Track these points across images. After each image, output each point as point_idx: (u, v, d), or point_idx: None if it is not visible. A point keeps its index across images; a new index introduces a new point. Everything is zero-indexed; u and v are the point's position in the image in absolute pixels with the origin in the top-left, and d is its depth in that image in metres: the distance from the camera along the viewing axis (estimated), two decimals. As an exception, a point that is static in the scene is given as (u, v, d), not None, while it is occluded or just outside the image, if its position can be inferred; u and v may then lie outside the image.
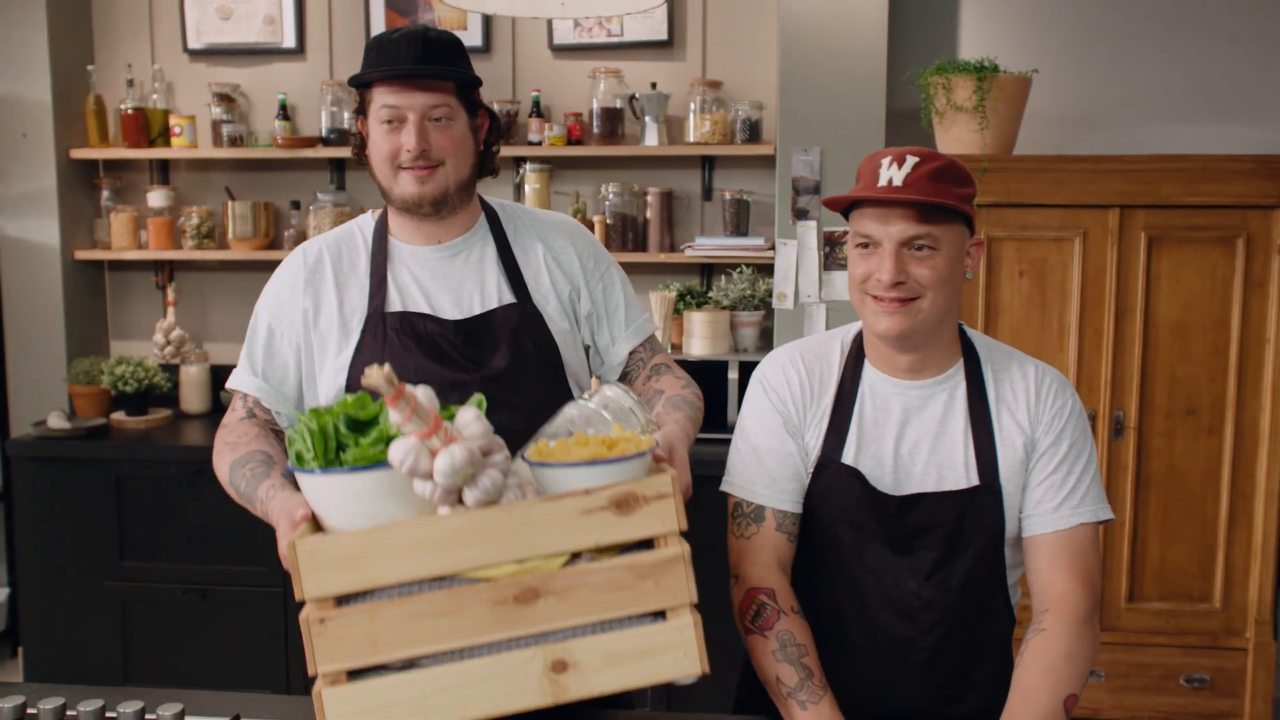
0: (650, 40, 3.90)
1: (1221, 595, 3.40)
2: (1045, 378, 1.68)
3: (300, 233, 3.99)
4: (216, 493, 3.52)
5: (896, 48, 3.69)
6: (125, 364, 3.89)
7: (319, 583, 1.30)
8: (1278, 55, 3.68)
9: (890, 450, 1.67)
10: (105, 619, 3.68)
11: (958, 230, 1.61)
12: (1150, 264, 3.32)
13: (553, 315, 1.90)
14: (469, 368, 1.81)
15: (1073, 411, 1.66)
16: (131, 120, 3.97)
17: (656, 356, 2.00)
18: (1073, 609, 1.58)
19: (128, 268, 4.25)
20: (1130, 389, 3.35)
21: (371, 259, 1.89)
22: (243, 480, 1.73)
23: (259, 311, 1.92)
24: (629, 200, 3.86)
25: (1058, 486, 1.63)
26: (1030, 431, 1.65)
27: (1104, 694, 3.43)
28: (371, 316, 1.84)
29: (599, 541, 1.32)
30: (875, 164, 1.59)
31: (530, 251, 1.93)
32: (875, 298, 1.61)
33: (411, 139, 1.78)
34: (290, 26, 4.05)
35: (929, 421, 1.67)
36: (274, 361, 1.89)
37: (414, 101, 1.79)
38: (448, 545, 1.30)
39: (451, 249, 1.90)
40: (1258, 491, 3.34)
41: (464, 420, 1.33)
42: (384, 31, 1.84)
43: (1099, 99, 3.77)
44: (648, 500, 1.32)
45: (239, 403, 1.91)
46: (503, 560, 1.31)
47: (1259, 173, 3.23)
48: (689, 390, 1.87)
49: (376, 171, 1.85)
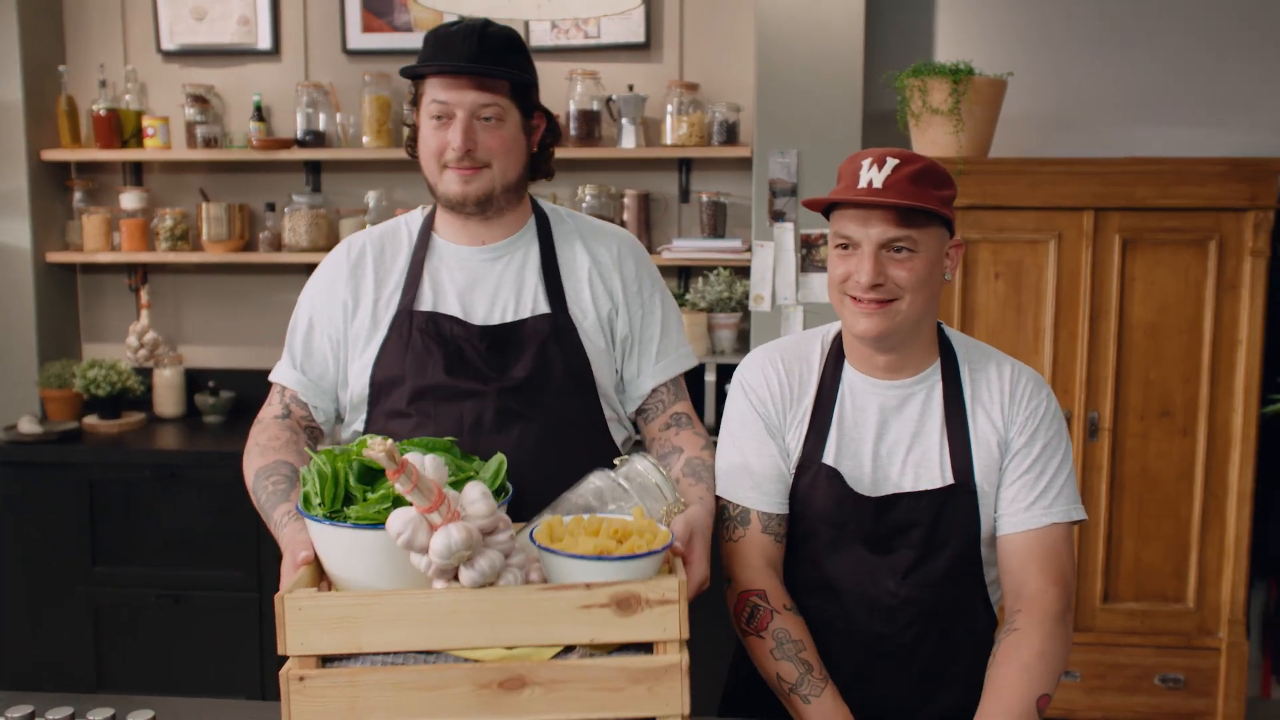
0: (627, 42, 3.90)
1: (1195, 595, 3.42)
2: (1020, 378, 1.68)
3: (275, 234, 3.97)
4: (190, 496, 3.54)
5: (873, 50, 3.70)
6: (98, 367, 3.85)
7: (303, 640, 1.28)
8: (1250, 58, 3.72)
9: (869, 451, 1.67)
10: (78, 625, 3.64)
11: (937, 232, 1.61)
12: (1124, 266, 3.34)
13: (588, 331, 1.84)
14: (489, 377, 1.78)
15: (1047, 412, 1.66)
16: (104, 121, 3.94)
17: (679, 403, 1.92)
18: (1045, 608, 1.57)
19: (100, 270, 4.22)
20: (1105, 390, 3.37)
21: (412, 255, 1.87)
22: (264, 492, 1.72)
23: (301, 304, 1.91)
24: (606, 202, 3.85)
25: (1030, 486, 1.63)
26: (1004, 431, 1.65)
27: (1079, 694, 3.45)
28: (400, 314, 1.82)
29: (595, 639, 1.29)
30: (856, 165, 1.60)
31: (575, 261, 1.88)
32: (854, 299, 1.61)
33: (458, 137, 1.75)
34: (265, 27, 4.02)
35: (907, 421, 1.67)
36: (313, 356, 1.87)
37: (464, 99, 1.75)
38: (438, 621, 1.28)
39: (494, 251, 1.86)
40: (1230, 492, 3.37)
41: (469, 497, 1.30)
42: (443, 23, 1.81)
43: (1074, 101, 3.79)
44: (651, 604, 1.29)
45: (276, 397, 1.89)
46: (493, 643, 1.29)
47: (1232, 175, 3.26)
48: (708, 452, 1.80)
49: (424, 167, 1.82)
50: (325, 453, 1.39)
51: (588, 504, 1.52)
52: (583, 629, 1.28)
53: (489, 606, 1.28)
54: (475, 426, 1.77)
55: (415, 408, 1.79)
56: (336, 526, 1.33)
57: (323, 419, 1.89)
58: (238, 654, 3.58)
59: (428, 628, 1.28)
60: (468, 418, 1.77)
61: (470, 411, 1.77)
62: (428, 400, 1.78)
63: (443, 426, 1.76)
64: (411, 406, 1.79)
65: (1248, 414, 3.34)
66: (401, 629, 1.28)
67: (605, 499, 1.53)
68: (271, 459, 1.76)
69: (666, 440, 1.86)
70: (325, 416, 1.89)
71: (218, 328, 4.19)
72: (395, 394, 1.80)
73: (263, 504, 1.73)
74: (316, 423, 1.89)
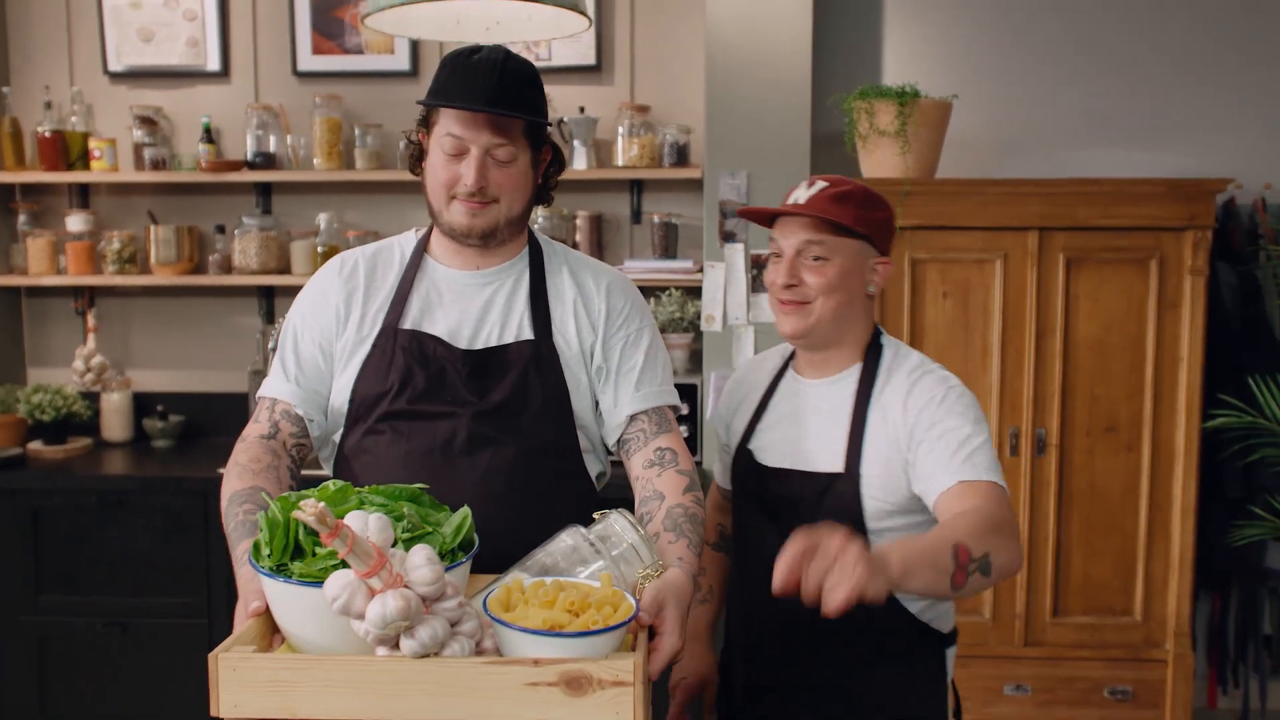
0: (578, 65, 3.92)
1: (1142, 608, 3.48)
2: (918, 384, 1.79)
3: (225, 257, 3.93)
4: (137, 523, 3.50)
5: (821, 73, 3.75)
6: (43, 392, 3.80)
7: (236, 702, 1.25)
8: (1190, 82, 3.80)
9: (782, 436, 1.88)
10: (21, 655, 3.57)
11: (856, 245, 1.81)
12: (1069, 285, 3.40)
13: (570, 362, 1.84)
14: (466, 400, 1.77)
15: (945, 398, 1.75)
16: (49, 143, 3.89)
17: (663, 436, 1.85)
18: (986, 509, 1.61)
19: (46, 294, 4.16)
20: (1051, 407, 3.42)
21: (402, 274, 1.87)
22: (232, 520, 1.69)
23: (290, 317, 1.89)
24: (558, 224, 3.86)
25: (943, 453, 1.70)
26: (900, 429, 1.76)
27: (1030, 708, 3.48)
28: (384, 331, 1.82)
29: (541, 718, 1.23)
30: (795, 186, 1.84)
31: (563, 291, 1.88)
32: (779, 301, 1.83)
33: (471, 174, 1.75)
34: (214, 49, 4.00)
35: (819, 414, 1.85)
36: (305, 365, 1.85)
37: (479, 138, 1.74)
38: (378, 690, 1.24)
39: (485, 277, 1.87)
40: (1174, 506, 3.43)
41: (414, 563, 1.25)
42: (462, 49, 1.78)
43: (1018, 124, 3.86)
44: (604, 684, 1.22)
45: (264, 413, 1.84)
46: (434, 716, 1.24)
47: (1170, 196, 3.33)
48: (690, 496, 1.77)
49: (430, 194, 1.82)
50: (281, 499, 1.36)
51: (556, 564, 1.47)
52: (529, 708, 1.23)
53: (430, 678, 1.23)
54: (446, 447, 1.76)
55: (390, 425, 1.78)
56: (279, 581, 1.29)
57: (317, 433, 1.85)
58: (186, 682, 3.52)
59: (366, 697, 1.24)
60: (440, 437, 1.76)
61: (444, 432, 1.77)
62: (403, 419, 1.78)
63: (415, 445, 1.76)
64: (386, 424, 1.79)
65: (1189, 429, 3.40)
66: (339, 697, 1.24)
67: (578, 559, 1.48)
68: (248, 484, 1.73)
69: (649, 482, 1.82)
70: (320, 430, 1.85)
71: (167, 351, 4.14)
72: (373, 411, 1.80)
73: (230, 532, 1.69)
74: (309, 437, 1.85)
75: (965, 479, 1.67)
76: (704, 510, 1.81)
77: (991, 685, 3.48)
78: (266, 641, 1.38)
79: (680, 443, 1.86)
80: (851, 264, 1.80)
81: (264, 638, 1.37)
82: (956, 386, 1.78)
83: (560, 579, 1.39)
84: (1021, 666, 3.48)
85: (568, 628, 1.26)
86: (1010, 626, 3.48)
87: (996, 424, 3.42)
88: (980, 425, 1.74)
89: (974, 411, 1.76)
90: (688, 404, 3.57)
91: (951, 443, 1.70)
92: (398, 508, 1.39)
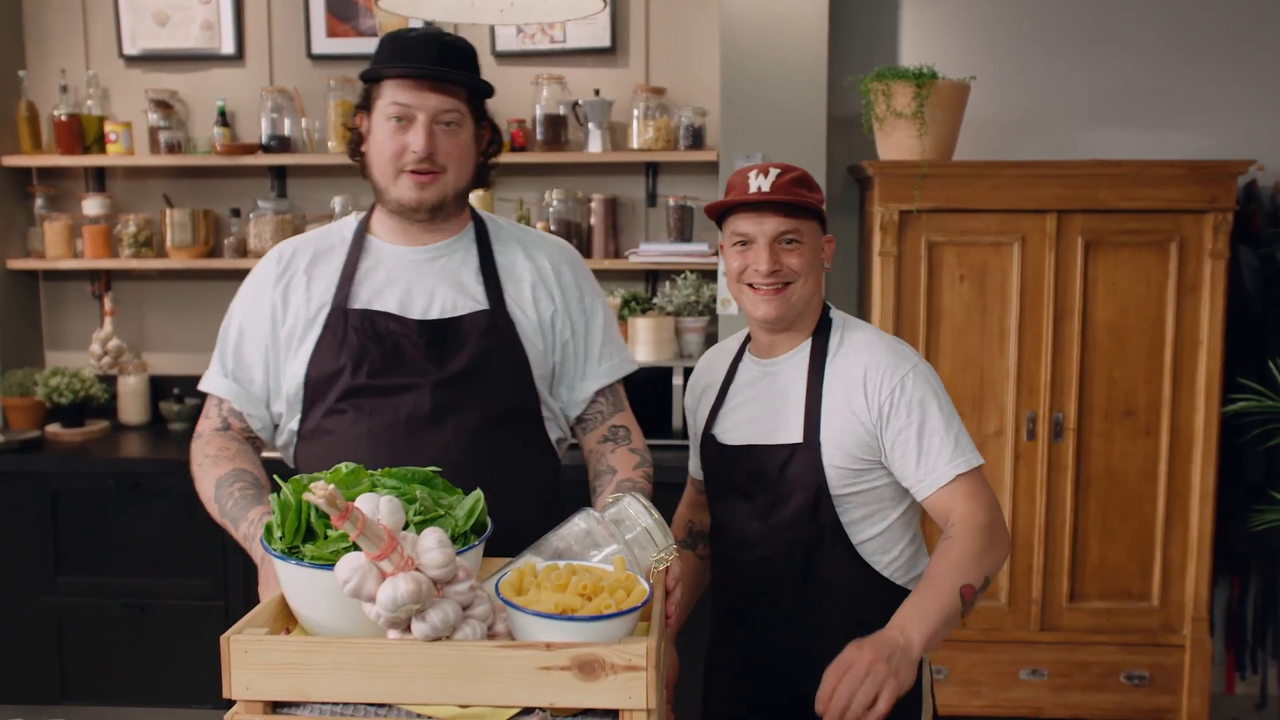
0: (593, 47, 3.90)
1: (1160, 593, 3.46)
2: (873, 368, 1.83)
3: (240, 240, 3.94)
4: (155, 505, 3.51)
5: (837, 54, 3.72)
6: (61, 375, 3.81)
7: (248, 684, 1.25)
8: (1210, 62, 3.76)
9: (744, 416, 1.92)
10: (40, 636, 3.60)
11: (814, 227, 1.89)
12: (1087, 268, 3.37)
13: (527, 330, 1.86)
14: (426, 370, 1.78)
15: (903, 386, 1.81)
16: (65, 127, 3.90)
17: (619, 415, 1.97)
18: (971, 520, 1.73)
19: (63, 277, 4.17)
20: (1069, 391, 3.40)
21: (347, 255, 1.87)
22: (229, 500, 1.71)
23: (232, 311, 1.90)
24: (573, 207, 3.85)
25: (914, 457, 1.79)
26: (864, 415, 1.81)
27: (1046, 693, 3.47)
28: (334, 311, 1.81)
29: (554, 702, 1.23)
30: (744, 177, 1.87)
31: (515, 264, 1.90)
32: (752, 287, 1.86)
33: (420, 140, 1.76)
34: (229, 32, 4.00)
35: (776, 390, 1.90)
36: (243, 362, 1.86)
37: (426, 102, 1.76)
38: (388, 673, 1.24)
39: (433, 252, 1.87)
40: (1193, 491, 3.41)
41: (424, 545, 1.25)
42: (400, 29, 1.82)
43: (1036, 105, 3.82)
44: (616, 669, 1.21)
45: (213, 410, 1.88)
46: (445, 700, 1.24)
47: (1190, 178, 3.30)
48: (640, 472, 1.85)
49: (375, 171, 1.82)
50: (293, 481, 1.36)
51: (569, 547, 1.47)
52: (541, 691, 1.22)
53: (441, 661, 1.22)
54: (411, 420, 1.77)
55: (351, 403, 1.79)
56: (291, 564, 1.29)
57: (259, 427, 1.88)
58: (203, 663, 3.53)
59: (377, 680, 1.24)
60: (404, 411, 1.77)
61: (406, 405, 1.77)
62: (364, 395, 1.78)
63: (378, 421, 1.77)
64: (347, 402, 1.79)
65: (1209, 413, 3.37)
66: (349, 679, 1.24)
67: (591, 543, 1.47)
68: (228, 468, 1.75)
69: (602, 457, 1.90)
70: (262, 424, 1.88)
71: (182, 334, 4.16)
72: (330, 391, 1.80)
73: (228, 511, 1.71)
74: (255, 432, 1.88)
75: (960, 472, 1.77)
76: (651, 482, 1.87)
77: (1008, 670, 3.48)
78: (280, 624, 1.38)
79: (633, 420, 1.99)
80: (816, 244, 1.89)
81: (277, 620, 1.37)
82: (916, 362, 1.84)
83: (573, 562, 1.39)
84: (1038, 651, 3.47)
85: (580, 611, 1.26)
86: (1026, 611, 3.46)
87: (1014, 408, 3.40)
88: (944, 399, 1.82)
89: (935, 384, 1.83)
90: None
91: (936, 433, 1.78)
92: (410, 490, 1.38)
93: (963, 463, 1.78)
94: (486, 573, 1.48)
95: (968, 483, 1.77)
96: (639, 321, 3.68)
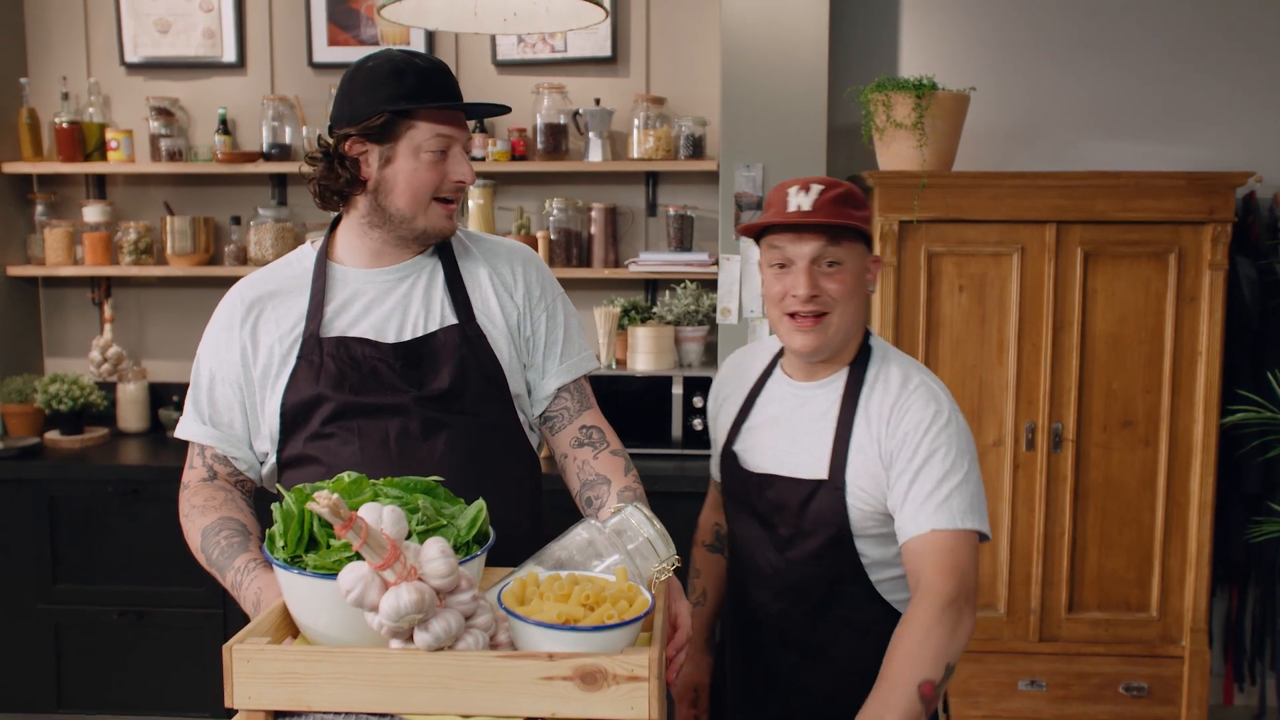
0: (594, 56, 3.91)
1: (1158, 604, 3.46)
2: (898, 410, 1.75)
3: (241, 248, 3.94)
4: (153, 512, 3.51)
5: (837, 65, 3.73)
6: (60, 382, 3.81)
7: (250, 694, 1.25)
8: (1209, 74, 3.77)
9: (769, 440, 1.86)
10: (38, 643, 3.59)
11: (859, 249, 1.79)
12: (1086, 279, 3.38)
13: (497, 339, 1.86)
14: (408, 391, 1.78)
15: (931, 425, 1.72)
16: (67, 134, 3.90)
17: (587, 413, 1.94)
18: (934, 596, 1.64)
19: (63, 284, 4.17)
20: (1068, 401, 3.40)
21: (313, 284, 1.85)
22: (215, 549, 1.70)
23: (200, 356, 1.87)
24: (573, 216, 3.86)
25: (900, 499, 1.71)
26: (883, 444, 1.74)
27: (1044, 704, 3.47)
28: (307, 341, 1.79)
29: (556, 712, 1.23)
30: (784, 193, 1.78)
31: (479, 276, 1.90)
32: (791, 316, 1.78)
33: (467, 170, 1.79)
34: (230, 40, 4.01)
35: (805, 419, 1.83)
36: (218, 408, 1.84)
37: (460, 135, 1.80)
38: (390, 683, 1.24)
39: (399, 271, 1.86)
40: (1192, 501, 3.41)
41: (428, 555, 1.25)
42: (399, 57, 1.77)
43: (1036, 116, 3.84)
44: (618, 679, 1.21)
45: (197, 459, 1.86)
46: (447, 710, 1.24)
47: (1190, 189, 3.31)
48: (631, 477, 1.85)
49: (401, 201, 1.78)
50: (295, 491, 1.36)
51: (571, 558, 1.47)
52: (543, 701, 1.22)
53: (444, 671, 1.22)
54: (402, 438, 1.77)
55: (337, 425, 1.77)
56: (294, 573, 1.29)
57: (245, 468, 1.86)
58: (201, 671, 3.54)
59: (379, 690, 1.23)
60: (393, 431, 1.77)
61: (395, 425, 1.77)
62: (349, 417, 1.77)
63: (369, 442, 1.76)
64: (333, 425, 1.77)
65: (1208, 424, 3.38)
66: (352, 689, 1.24)
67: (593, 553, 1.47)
68: (214, 517, 1.75)
69: (584, 463, 1.88)
70: (248, 465, 1.86)
71: (182, 342, 4.15)
72: (313, 416, 1.78)
73: (214, 560, 1.71)
74: (242, 474, 1.86)
75: (938, 527, 1.67)
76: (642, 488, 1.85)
77: (1006, 680, 3.47)
78: (282, 634, 1.38)
79: (603, 419, 1.95)
80: (859, 266, 1.79)
81: (278, 630, 1.37)
82: (944, 409, 1.75)
83: (575, 573, 1.39)
84: (1036, 662, 3.47)
85: (583, 622, 1.26)
86: (1025, 621, 3.46)
87: (1013, 418, 3.41)
88: (963, 456, 1.72)
89: (960, 440, 1.73)
90: (702, 398, 3.57)
91: (929, 481, 1.69)
92: (413, 500, 1.38)
93: (945, 519, 1.68)
94: (488, 583, 1.48)
95: (945, 542, 1.67)
96: (639, 331, 3.68)
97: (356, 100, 1.76)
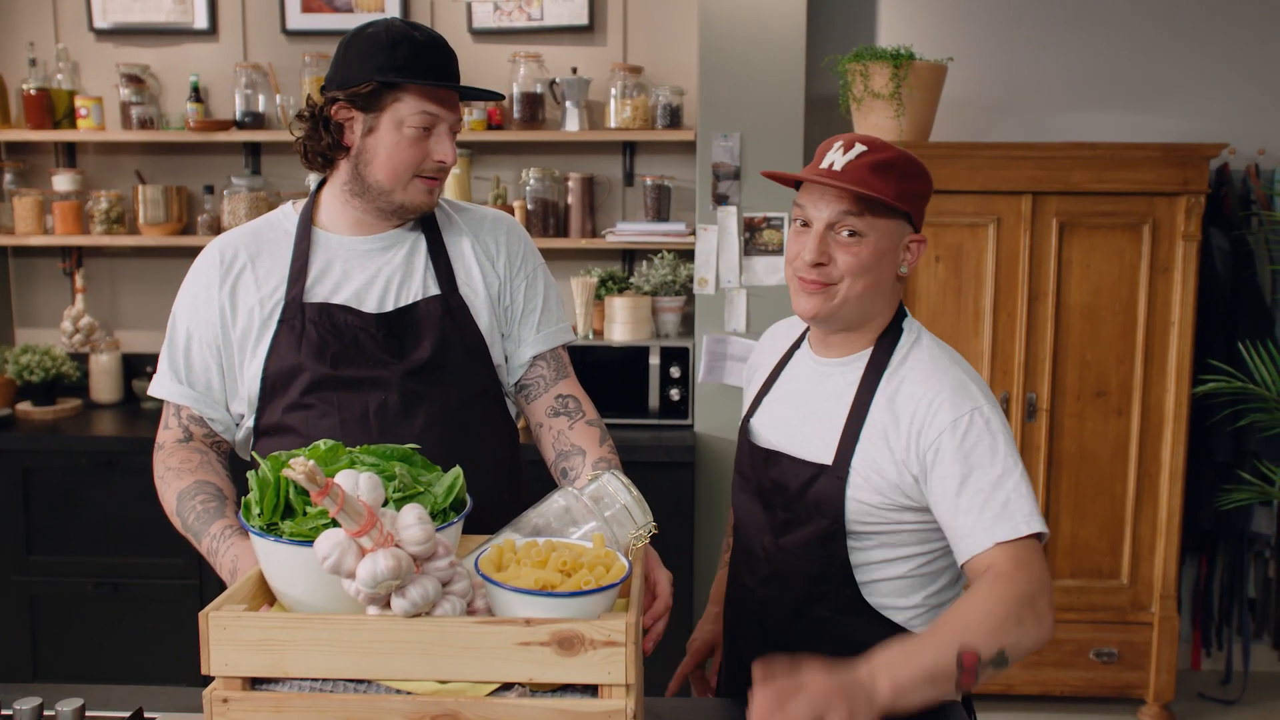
0: (571, 25, 3.88)
1: (1129, 571, 3.50)
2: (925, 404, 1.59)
3: (214, 217, 3.91)
4: (128, 484, 3.49)
5: (815, 35, 3.72)
6: (31, 353, 3.77)
7: (226, 661, 1.25)
8: (1185, 46, 3.78)
9: (782, 415, 1.75)
10: (13, 615, 3.57)
11: (894, 224, 1.61)
12: (1062, 249, 3.40)
13: (480, 309, 1.86)
14: (389, 362, 1.78)
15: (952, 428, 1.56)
16: (35, 101, 3.84)
17: (563, 382, 1.94)
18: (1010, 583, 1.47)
19: (33, 254, 4.13)
20: (1042, 371, 3.43)
21: (295, 248, 1.83)
22: (191, 514, 1.69)
23: (176, 314, 1.85)
24: (550, 186, 3.84)
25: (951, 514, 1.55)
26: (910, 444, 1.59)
27: (1016, 669, 3.51)
28: (289, 305, 1.78)
29: (533, 677, 1.23)
30: (828, 146, 1.62)
31: (462, 246, 1.90)
32: (800, 279, 1.63)
33: (450, 150, 1.77)
34: (202, 6, 3.95)
35: (820, 397, 1.70)
36: (194, 368, 1.82)
37: (451, 114, 1.78)
38: (367, 649, 1.24)
39: (383, 240, 1.85)
40: (1163, 470, 3.45)
41: (404, 522, 1.24)
42: (398, 28, 1.74)
43: (1012, 86, 3.84)
44: (595, 645, 1.21)
45: (172, 419, 1.84)
46: (425, 676, 1.24)
47: (1164, 161, 3.32)
48: (606, 447, 1.85)
49: (379, 171, 1.77)
50: (271, 458, 1.35)
51: (548, 524, 1.47)
52: (520, 667, 1.22)
53: (421, 637, 1.23)
54: (381, 411, 1.76)
55: (317, 397, 1.77)
56: (269, 540, 1.29)
57: (221, 429, 1.85)
58: (178, 642, 3.53)
59: (356, 656, 1.23)
60: (373, 404, 1.76)
61: (375, 398, 1.77)
62: (329, 389, 1.77)
63: (348, 415, 1.76)
64: (312, 396, 1.77)
65: (1179, 394, 3.41)
66: (329, 656, 1.24)
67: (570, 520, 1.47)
68: (190, 480, 1.74)
69: (560, 432, 1.88)
70: (224, 426, 1.85)
71: (155, 312, 4.12)
72: (293, 385, 1.77)
73: (190, 525, 1.70)
74: (218, 435, 1.85)
75: (1001, 539, 1.49)
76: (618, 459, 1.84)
77: (979, 647, 3.51)
78: (258, 601, 1.38)
79: (579, 389, 1.95)
80: (886, 243, 1.60)
81: (255, 597, 1.37)
82: (978, 404, 1.57)
83: (552, 539, 1.39)
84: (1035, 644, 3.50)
85: (560, 588, 1.26)
86: (998, 589, 3.50)
87: (987, 388, 3.43)
88: (1009, 453, 1.55)
89: (1001, 437, 1.55)
90: (679, 368, 3.57)
91: (981, 491, 1.51)
92: (389, 467, 1.38)
93: (1007, 529, 1.49)
94: (465, 550, 1.48)
95: (1011, 551, 1.49)
96: (615, 301, 3.68)
97: (350, 65, 1.75)
